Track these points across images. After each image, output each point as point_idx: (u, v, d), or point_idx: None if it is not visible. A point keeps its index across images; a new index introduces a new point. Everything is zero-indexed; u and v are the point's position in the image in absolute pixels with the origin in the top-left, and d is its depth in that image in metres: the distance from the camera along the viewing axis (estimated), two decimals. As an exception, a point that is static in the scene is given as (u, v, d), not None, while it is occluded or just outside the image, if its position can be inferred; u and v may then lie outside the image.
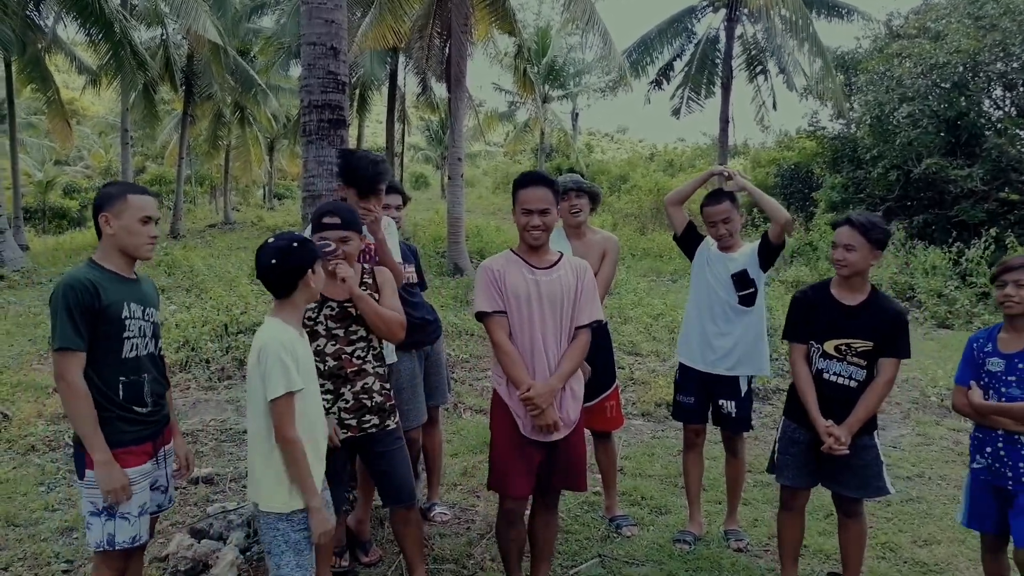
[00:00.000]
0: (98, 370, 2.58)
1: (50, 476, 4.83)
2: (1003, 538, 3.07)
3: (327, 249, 2.79)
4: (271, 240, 2.59)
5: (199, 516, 4.16)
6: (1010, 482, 2.92)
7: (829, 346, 3.18)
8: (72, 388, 2.50)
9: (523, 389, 2.92)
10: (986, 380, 3.02)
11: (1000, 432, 2.94)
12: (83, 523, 4.07)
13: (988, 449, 3.00)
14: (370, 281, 3.13)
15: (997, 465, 2.97)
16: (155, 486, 2.82)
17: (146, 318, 2.74)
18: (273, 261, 2.51)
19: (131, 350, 2.66)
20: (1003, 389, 2.95)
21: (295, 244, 2.55)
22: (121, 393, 2.62)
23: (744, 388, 3.92)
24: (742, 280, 3.83)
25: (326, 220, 3.00)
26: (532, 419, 2.96)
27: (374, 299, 3.06)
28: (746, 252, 3.90)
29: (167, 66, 22.08)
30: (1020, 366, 2.91)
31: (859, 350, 3.13)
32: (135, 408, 2.66)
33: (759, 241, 3.88)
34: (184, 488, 4.66)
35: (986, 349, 3.04)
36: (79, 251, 17.91)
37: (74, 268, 2.67)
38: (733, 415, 3.92)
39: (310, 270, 2.57)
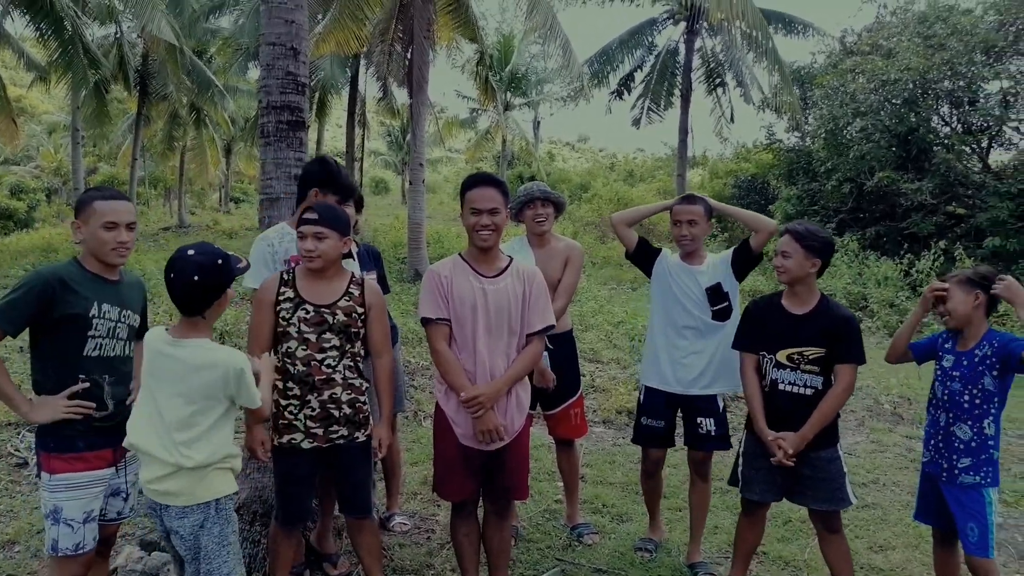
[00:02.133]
0: (56, 365, 2.56)
1: (-10, 487, 4.63)
2: (951, 535, 3.14)
3: (240, 265, 2.56)
4: (191, 252, 2.41)
5: (149, 528, 4.02)
6: (944, 474, 3.03)
7: (782, 356, 3.20)
8: None
9: (463, 395, 2.90)
10: (939, 373, 3.15)
11: (941, 424, 3.06)
12: (25, 535, 3.93)
13: (932, 442, 3.12)
14: (356, 293, 3.01)
15: (936, 457, 3.08)
16: (115, 493, 2.77)
17: (122, 320, 2.71)
18: (196, 278, 2.37)
19: (95, 349, 2.62)
20: (947, 383, 3.07)
21: (219, 262, 2.42)
22: (80, 392, 2.58)
23: (721, 404, 3.75)
24: (716, 294, 3.67)
25: (305, 216, 2.93)
26: (474, 421, 2.93)
27: (356, 313, 2.96)
28: (716, 264, 3.74)
29: (121, 65, 21.56)
30: (964, 363, 3.03)
31: (811, 357, 3.15)
32: (96, 410, 2.61)
33: (730, 252, 3.75)
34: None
35: (946, 346, 3.15)
36: (26, 253, 17.32)
37: (56, 263, 2.71)
38: (713, 433, 3.69)
39: (228, 289, 2.49)
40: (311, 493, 3.19)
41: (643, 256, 3.89)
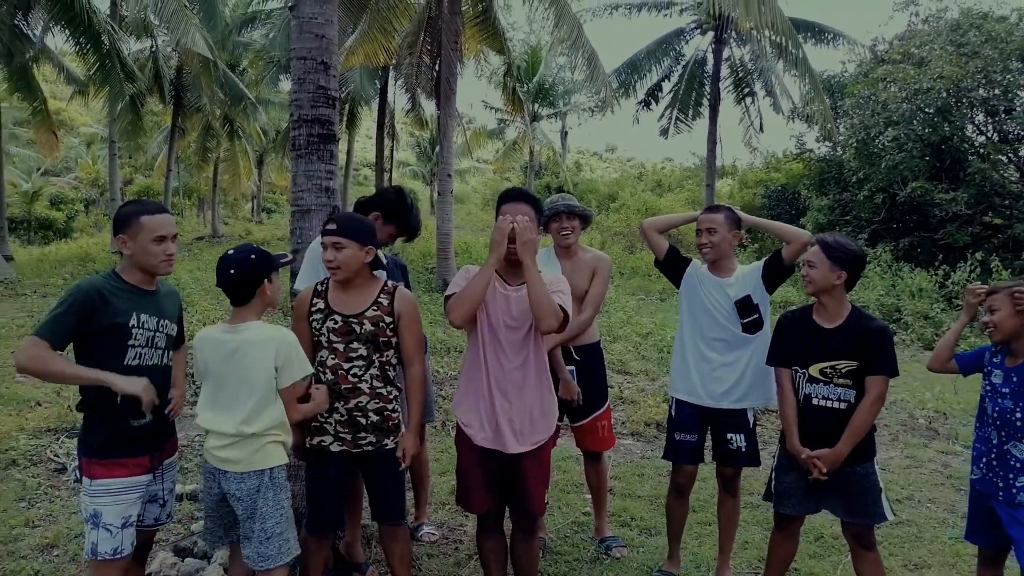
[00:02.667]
0: None
1: (31, 491, 4.74)
2: (1001, 552, 3.05)
3: (284, 260, 2.89)
4: (231, 252, 2.80)
5: (183, 534, 4.09)
6: (1000, 493, 2.92)
7: (814, 370, 3.16)
8: (34, 360, 2.53)
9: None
10: (987, 388, 3.05)
11: (994, 442, 2.96)
12: (64, 539, 4.01)
13: (983, 460, 3.02)
14: (385, 303, 3.04)
15: (989, 475, 2.98)
16: (153, 499, 2.85)
17: (160, 329, 2.80)
18: (232, 271, 2.74)
19: (135, 358, 2.70)
20: (999, 400, 2.98)
21: (252, 256, 2.78)
22: (119, 398, 2.63)
23: (751, 419, 3.67)
24: (746, 307, 3.60)
25: (326, 227, 3.00)
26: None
27: (384, 323, 3.01)
28: (746, 276, 3.67)
29: (156, 78, 22.02)
30: (1015, 379, 2.94)
31: (844, 371, 3.10)
32: (130, 419, 2.67)
33: (761, 264, 3.69)
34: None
35: (995, 360, 3.07)
36: (64, 262, 17.72)
37: (94, 276, 2.80)
38: (744, 449, 3.62)
39: (266, 280, 2.78)
40: (341, 500, 3.22)
41: (673, 265, 3.84)
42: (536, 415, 3.05)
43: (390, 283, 3.16)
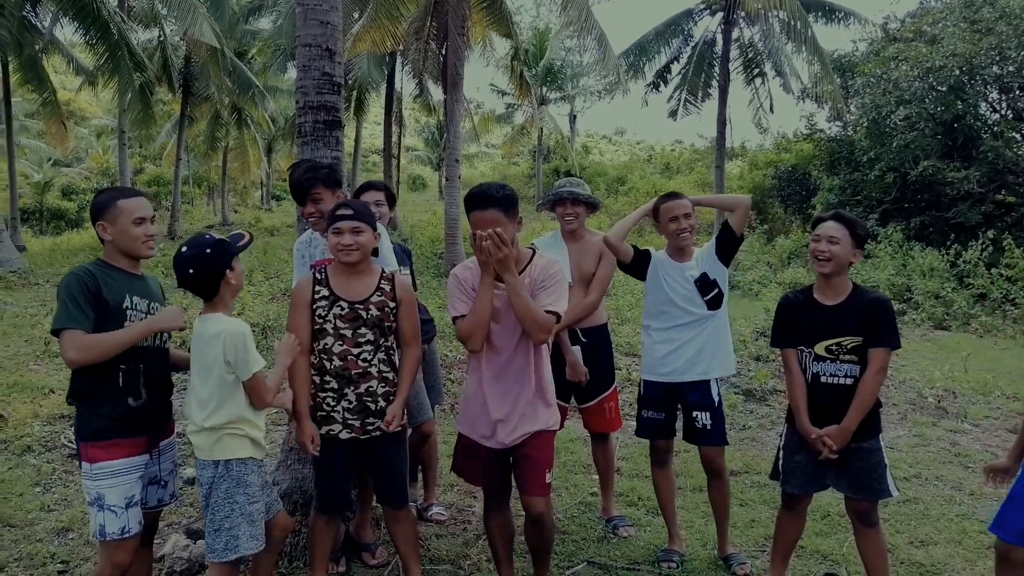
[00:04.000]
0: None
1: (46, 477, 4.82)
2: None
3: (241, 243, 2.79)
4: (184, 249, 2.69)
5: (195, 517, 4.15)
6: None
7: (820, 348, 3.16)
8: (84, 348, 2.55)
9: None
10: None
11: None
12: (79, 523, 4.09)
13: None
14: (387, 288, 3.09)
15: None
16: (153, 480, 2.88)
17: (151, 311, 2.82)
18: (191, 271, 2.66)
19: None
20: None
21: (208, 251, 2.68)
22: (120, 380, 2.68)
23: (716, 397, 3.72)
24: (705, 284, 3.66)
25: (341, 212, 3.01)
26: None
27: (388, 307, 3.06)
28: (702, 255, 3.73)
29: (165, 67, 22.10)
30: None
31: (850, 347, 3.11)
32: (128, 399, 2.71)
33: (714, 240, 3.73)
34: (180, 488, 4.65)
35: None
36: (76, 252, 17.89)
37: (81, 264, 2.79)
38: (709, 427, 3.68)
39: (228, 270, 2.70)
40: (349, 483, 3.27)
41: (639, 261, 3.82)
42: (533, 405, 3.03)
43: (385, 269, 3.21)
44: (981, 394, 7.35)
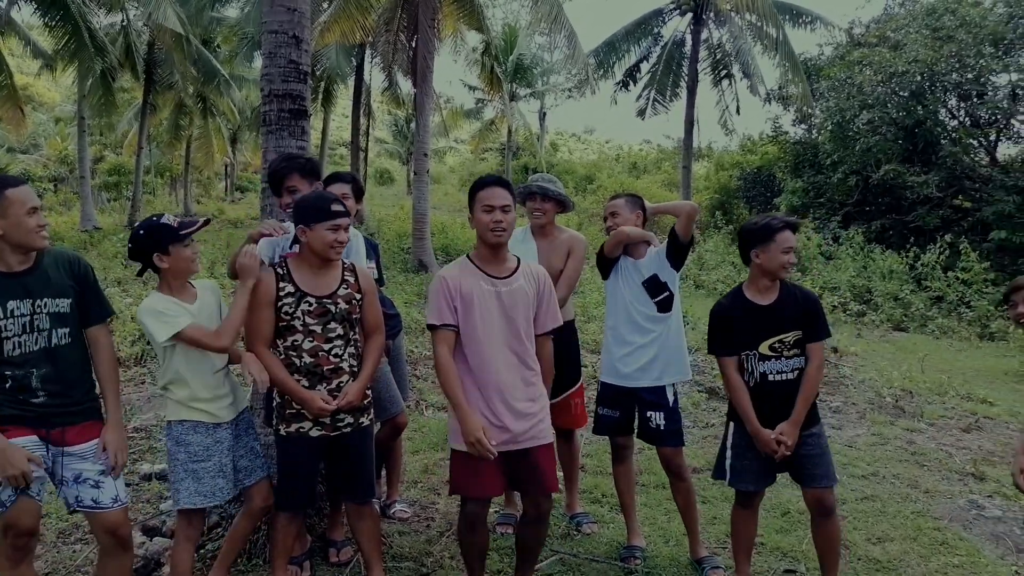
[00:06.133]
0: None
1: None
2: None
3: (187, 230, 2.89)
4: (136, 224, 3.00)
5: (152, 513, 4.07)
6: None
7: (764, 348, 3.23)
8: None
9: (461, 412, 2.86)
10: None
11: None
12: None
13: None
14: (352, 280, 3.10)
15: None
16: (62, 481, 2.71)
17: (36, 311, 2.62)
18: (129, 246, 2.94)
19: (14, 348, 2.58)
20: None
21: (141, 232, 2.89)
22: (8, 384, 2.58)
23: (671, 398, 3.72)
24: (654, 285, 3.69)
25: (337, 209, 2.98)
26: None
27: (355, 300, 3.07)
28: (653, 257, 3.75)
29: (127, 53, 21.57)
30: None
31: (792, 342, 3.22)
32: (23, 398, 2.61)
33: (665, 243, 3.73)
34: (137, 485, 4.55)
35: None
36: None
37: None
38: (663, 428, 3.67)
39: (162, 253, 2.85)
40: (315, 481, 3.23)
41: (608, 261, 3.90)
42: (540, 389, 3.11)
43: (345, 261, 3.18)
44: (937, 394, 7.51)
